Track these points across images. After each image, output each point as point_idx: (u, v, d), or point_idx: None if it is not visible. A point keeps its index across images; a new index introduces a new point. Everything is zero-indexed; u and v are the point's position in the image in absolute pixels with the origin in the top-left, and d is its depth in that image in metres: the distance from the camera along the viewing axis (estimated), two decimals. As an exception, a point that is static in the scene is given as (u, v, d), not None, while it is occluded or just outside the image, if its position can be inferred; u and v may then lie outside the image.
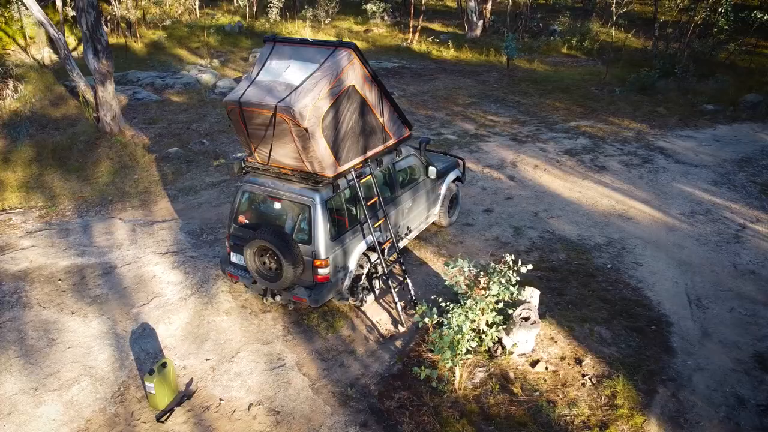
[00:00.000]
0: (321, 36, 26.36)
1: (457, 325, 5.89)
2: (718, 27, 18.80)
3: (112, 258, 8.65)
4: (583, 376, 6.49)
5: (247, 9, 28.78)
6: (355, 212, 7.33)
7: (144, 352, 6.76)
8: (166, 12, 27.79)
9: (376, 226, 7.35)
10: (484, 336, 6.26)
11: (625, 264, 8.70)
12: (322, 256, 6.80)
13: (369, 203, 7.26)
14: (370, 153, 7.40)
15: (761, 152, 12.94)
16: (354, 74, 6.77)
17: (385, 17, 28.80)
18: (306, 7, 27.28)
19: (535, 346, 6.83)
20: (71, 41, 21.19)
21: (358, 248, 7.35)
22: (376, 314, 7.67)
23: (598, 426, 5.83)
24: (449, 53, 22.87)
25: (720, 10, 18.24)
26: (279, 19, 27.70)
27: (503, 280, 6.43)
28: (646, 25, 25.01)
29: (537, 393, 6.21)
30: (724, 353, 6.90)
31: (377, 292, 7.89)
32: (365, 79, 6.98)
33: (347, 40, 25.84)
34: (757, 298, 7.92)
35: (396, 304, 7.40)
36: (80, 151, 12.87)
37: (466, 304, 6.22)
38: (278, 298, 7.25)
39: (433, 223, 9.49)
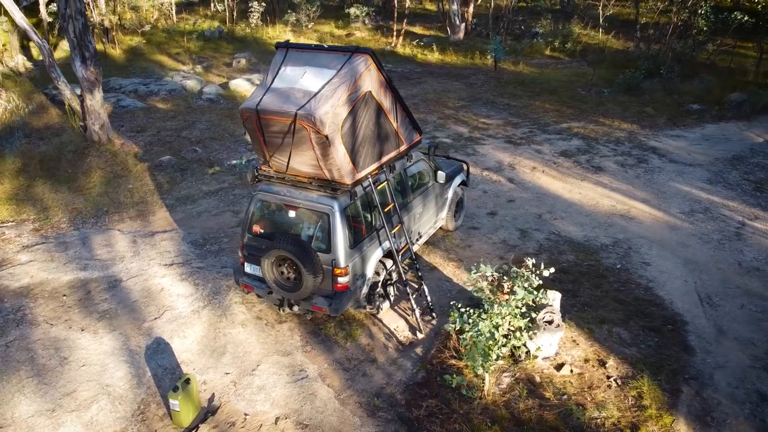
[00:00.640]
0: (303, 40, 26.20)
1: (489, 332, 5.85)
2: (697, 28, 19.18)
3: (116, 271, 8.41)
4: (608, 377, 6.51)
5: (227, 14, 28.46)
6: (371, 219, 7.25)
7: (161, 368, 6.58)
8: (142, 17, 27.35)
9: (393, 232, 7.27)
10: (514, 341, 6.21)
11: (634, 264, 8.78)
12: (342, 264, 6.71)
13: (385, 210, 7.19)
14: (385, 159, 7.33)
15: (751, 150, 13.21)
16: (371, 80, 6.69)
17: (366, 21, 28.75)
18: (289, 11, 27.06)
19: (558, 350, 6.82)
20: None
21: (374, 255, 7.27)
22: (393, 321, 7.59)
23: (629, 427, 5.84)
24: (434, 56, 22.91)
25: (700, 11, 18.60)
26: (260, 24, 27.45)
27: (526, 284, 6.42)
28: (624, 26, 25.39)
29: (565, 396, 6.21)
30: (740, 350, 6.99)
31: (392, 298, 7.82)
32: (381, 85, 6.91)
33: (330, 44, 25.91)
34: (765, 295, 8.05)
35: (414, 310, 7.34)
36: (69, 162, 12.52)
37: (492, 309, 6.18)
38: (296, 308, 7.13)
39: (440, 227, 9.45)
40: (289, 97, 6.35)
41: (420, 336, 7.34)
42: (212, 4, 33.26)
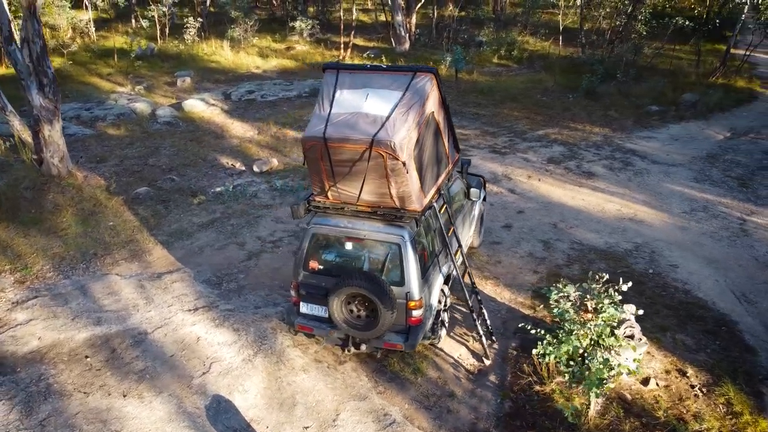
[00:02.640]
0: (243, 54, 25.30)
1: (604, 358, 5.65)
2: (637, 32, 20.19)
3: (135, 322, 7.53)
4: (692, 387, 6.49)
5: (156, 30, 26.95)
6: (432, 245, 6.89)
7: (230, 430, 5.88)
8: (59, 37, 25.42)
9: (456, 256, 6.96)
10: (620, 360, 6.05)
11: (663, 267, 8.92)
12: (416, 296, 6.30)
13: (448, 234, 6.87)
14: (440, 181, 7.02)
15: (720, 148, 13.96)
16: (433, 100, 6.38)
17: (304, 34, 28.21)
18: (232, 26, 26.04)
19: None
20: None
21: (438, 282, 6.92)
22: (453, 349, 7.26)
23: (734, 437, 5.83)
24: (385, 68, 22.73)
25: (640, 17, 19.58)
26: (197, 40, 26.22)
27: (607, 301, 6.30)
28: (556, 33, 26.41)
29: (662, 412, 6.11)
30: (795, 346, 7.21)
31: (447, 325, 7.49)
32: (439, 104, 6.60)
33: (272, 58, 25.18)
34: (792, 288, 8.40)
35: (481, 336, 7.04)
36: (29, 201, 11.22)
37: (581, 330, 6.00)
38: (363, 347, 6.63)
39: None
40: (357, 123, 5.89)
41: (487, 362, 7.04)
42: (133, 21, 31.54)
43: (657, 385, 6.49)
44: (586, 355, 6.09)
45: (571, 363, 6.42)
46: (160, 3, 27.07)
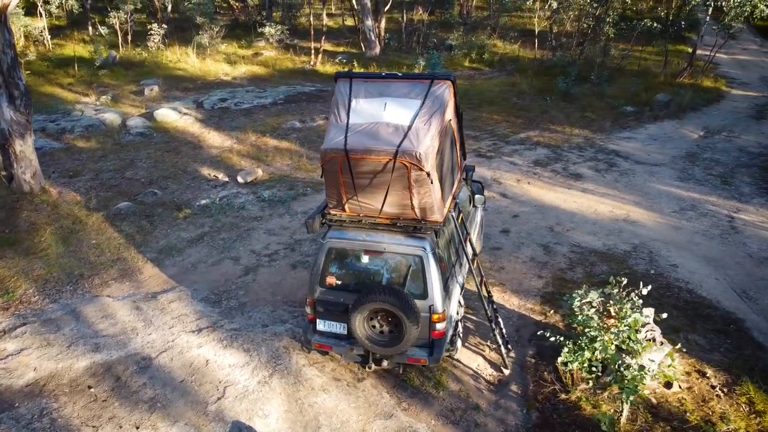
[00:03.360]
0: (210, 61, 24.74)
1: (640, 365, 5.60)
2: (605, 35, 20.59)
3: (137, 347, 7.14)
4: (713, 387, 6.53)
5: (119, 37, 26.09)
6: (449, 255, 6.75)
7: (256, 459, 5.61)
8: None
9: (474, 266, 6.84)
10: (651, 365, 6.03)
11: (664, 268, 9.01)
12: (440, 309, 6.15)
13: (466, 243, 6.75)
14: (454, 189, 6.89)
15: (697, 147, 14.30)
16: (450, 108, 6.25)
17: (271, 40, 27.79)
18: (200, 33, 25.41)
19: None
20: None
21: (456, 293, 6.79)
22: (470, 360, 7.14)
23: (762, 436, 5.87)
24: (359, 73, 22.54)
25: (608, 19, 19.97)
26: (161, 47, 25.49)
27: (628, 305, 6.28)
28: (525, 35, 26.77)
29: (692, 416, 6.12)
30: (801, 340, 7.36)
31: (461, 336, 7.36)
32: (455, 112, 6.48)
33: (242, 64, 24.68)
34: (789, 283, 8.60)
35: (500, 345, 6.94)
36: (1, 220, 10.62)
37: (604, 336, 5.96)
38: (385, 363, 6.43)
39: (471, 251, 9.13)
40: (378, 134, 5.71)
41: (506, 372, 6.95)
42: (90, 28, 30.48)
43: (679, 387, 6.50)
44: (609, 361, 6.04)
45: (593, 369, 6.40)
46: (121, 10, 26.22)
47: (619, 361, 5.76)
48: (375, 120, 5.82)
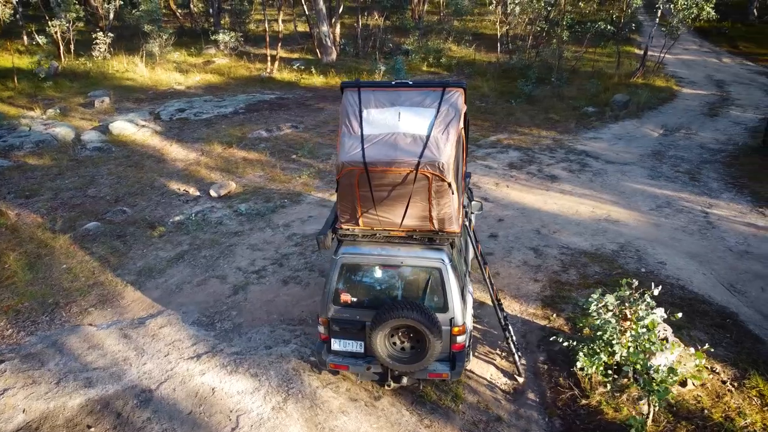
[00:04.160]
0: (160, 70, 23.85)
1: (669, 368, 5.62)
2: (558, 37, 21.07)
3: (133, 379, 6.67)
4: (724, 383, 6.66)
5: (61, 47, 24.77)
6: (461, 266, 6.63)
7: (283, 492, 5.30)
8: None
9: (487, 275, 6.74)
10: (680, 369, 6.07)
11: (653, 265, 9.19)
12: (461, 322, 6.01)
13: (479, 252, 6.64)
14: (463, 198, 6.77)
15: (661, 145, 14.77)
16: (463, 116, 6.12)
17: (223, 47, 27.09)
18: (151, 41, 24.44)
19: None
20: None
21: (470, 303, 6.68)
22: (483, 370, 7.04)
23: (778, 429, 6.01)
24: (318, 80, 22.25)
25: (563, 22, 20.45)
26: (108, 56, 24.39)
27: (643, 306, 6.34)
28: (478, 39, 27.14)
29: (705, 411, 6.20)
30: (794, 330, 7.63)
31: (472, 346, 7.25)
32: (465, 119, 6.36)
33: (194, 73, 23.91)
34: (771, 275, 8.93)
35: (513, 353, 6.87)
36: (-44, 247, 9.83)
37: (621, 339, 5.99)
38: (404, 380, 6.23)
39: (465, 258, 9.05)
40: (397, 145, 5.52)
41: (520, 380, 6.89)
42: (25, 38, 28.90)
43: (693, 385, 6.59)
44: (631, 363, 6.06)
45: (609, 372, 6.42)
46: (62, 18, 24.90)
47: (648, 364, 5.76)
48: (391, 130, 5.63)
